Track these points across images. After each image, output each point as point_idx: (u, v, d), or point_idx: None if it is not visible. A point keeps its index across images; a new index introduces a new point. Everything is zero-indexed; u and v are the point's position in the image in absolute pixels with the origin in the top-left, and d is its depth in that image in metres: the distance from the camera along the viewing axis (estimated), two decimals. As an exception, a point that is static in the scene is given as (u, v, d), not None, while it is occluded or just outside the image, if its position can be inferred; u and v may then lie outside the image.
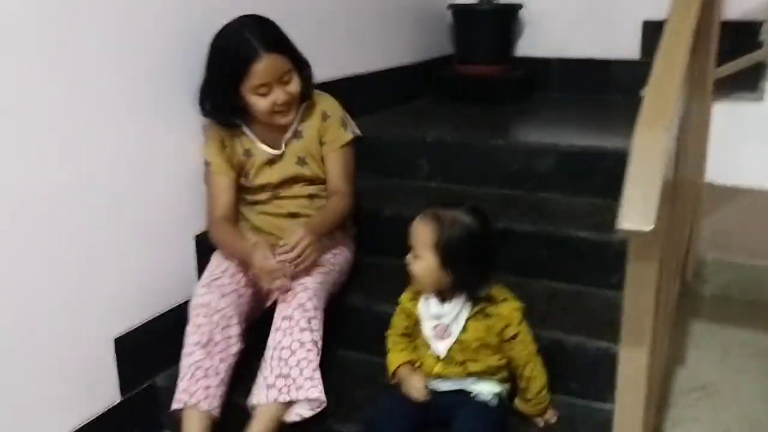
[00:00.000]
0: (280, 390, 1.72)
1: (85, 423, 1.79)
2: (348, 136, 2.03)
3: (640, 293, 1.26)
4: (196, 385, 1.76)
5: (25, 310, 1.61)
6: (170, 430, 1.90)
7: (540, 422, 1.76)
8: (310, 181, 2.02)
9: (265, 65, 1.80)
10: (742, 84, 2.10)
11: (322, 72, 2.51)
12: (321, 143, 2.01)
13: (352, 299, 2.10)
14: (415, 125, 2.78)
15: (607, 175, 2.32)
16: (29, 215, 1.59)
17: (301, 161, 1.98)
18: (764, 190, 2.36)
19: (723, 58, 1.72)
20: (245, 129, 1.97)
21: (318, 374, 1.74)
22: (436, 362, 1.70)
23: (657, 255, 1.22)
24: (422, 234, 1.62)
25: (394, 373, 1.76)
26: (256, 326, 1.95)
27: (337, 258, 2.01)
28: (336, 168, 2.02)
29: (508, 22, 3.31)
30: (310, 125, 2.00)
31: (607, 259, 2.08)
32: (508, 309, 1.67)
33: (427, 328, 1.70)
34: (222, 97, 1.89)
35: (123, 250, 1.85)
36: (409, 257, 1.67)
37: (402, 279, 1.76)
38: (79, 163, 1.69)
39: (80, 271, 1.73)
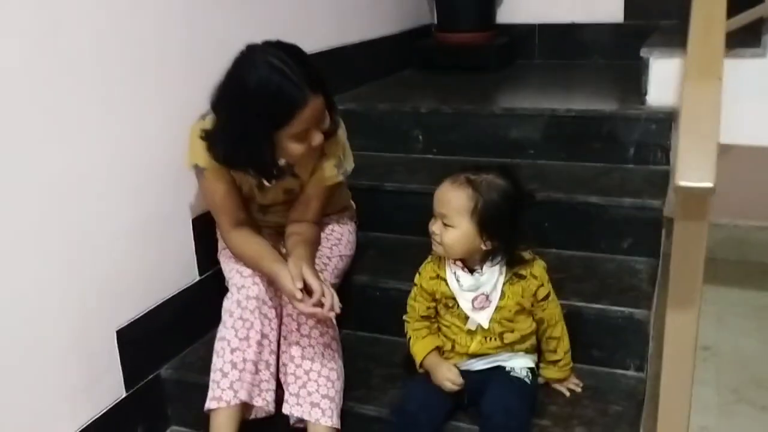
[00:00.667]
0: (323, 412, 1.66)
1: (92, 420, 1.69)
2: (337, 178, 1.82)
3: (689, 254, 1.21)
4: (254, 382, 1.68)
5: (24, 307, 1.51)
6: (204, 429, 1.76)
7: (566, 391, 1.72)
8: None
9: (310, 110, 1.54)
10: (743, 40, 2.06)
11: (304, 46, 2.43)
12: (311, 174, 1.82)
13: (357, 277, 2.02)
14: (404, 97, 2.70)
15: (605, 139, 2.29)
16: (25, 207, 1.48)
17: (288, 192, 1.83)
18: (757, 148, 2.34)
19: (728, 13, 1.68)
20: None
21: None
22: (471, 340, 1.63)
23: (707, 213, 1.17)
24: (457, 200, 1.54)
25: (421, 363, 1.66)
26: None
27: (336, 249, 1.90)
28: (315, 201, 1.83)
29: (488, -12, 3.23)
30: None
31: (617, 224, 2.05)
32: (539, 269, 1.63)
33: (465, 302, 1.61)
34: (257, 147, 1.59)
35: (121, 239, 1.74)
36: (436, 226, 1.58)
37: (407, 253, 1.68)
38: (74, 152, 1.58)
39: (79, 263, 1.63)
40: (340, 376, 1.72)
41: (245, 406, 1.69)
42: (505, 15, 3.36)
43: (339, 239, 1.92)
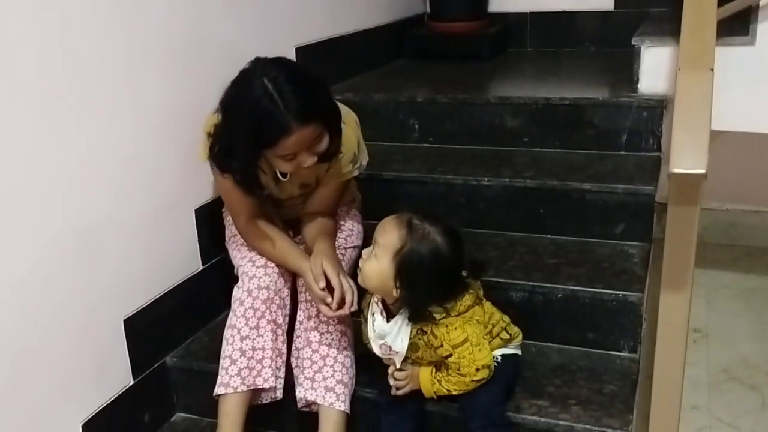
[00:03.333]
0: (338, 396, 1.70)
1: (100, 408, 1.72)
2: (352, 173, 1.84)
3: (682, 237, 1.26)
4: (269, 369, 1.72)
5: (33, 297, 1.54)
6: (211, 417, 1.83)
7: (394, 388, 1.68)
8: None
9: (295, 138, 1.53)
10: (732, 27, 2.10)
11: (299, 37, 2.46)
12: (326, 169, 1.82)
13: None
14: (399, 86, 2.73)
15: (598, 126, 2.33)
16: (32, 198, 1.51)
17: (305, 186, 1.85)
18: (745, 134, 2.39)
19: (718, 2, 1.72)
20: None
21: None
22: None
23: (699, 198, 1.22)
24: (389, 236, 1.50)
25: None
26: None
27: (350, 240, 1.94)
28: (330, 196, 1.85)
29: (480, -23, 3.26)
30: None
31: (610, 209, 2.09)
32: (441, 329, 1.54)
33: (375, 347, 1.62)
34: (241, 161, 1.62)
35: (126, 229, 1.77)
36: (365, 251, 1.56)
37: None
38: (80, 144, 1.61)
39: (86, 253, 1.66)
40: (353, 363, 1.77)
41: (253, 392, 1.74)
42: (497, 3, 3.39)
43: (351, 230, 1.96)
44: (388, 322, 1.58)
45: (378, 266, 1.51)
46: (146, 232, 1.84)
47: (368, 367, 1.84)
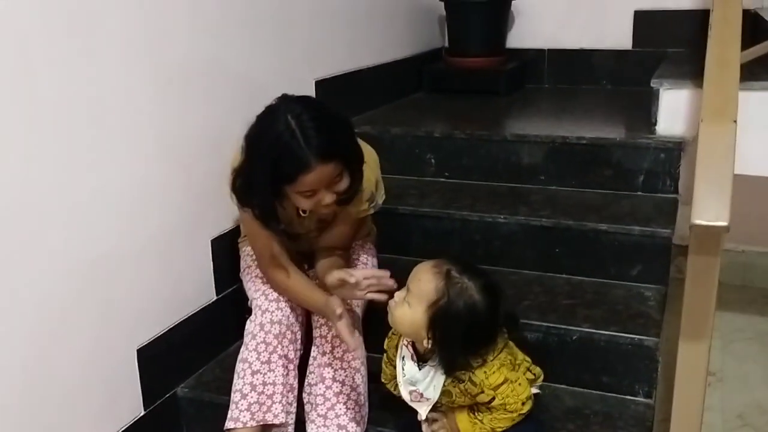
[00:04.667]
0: None
1: (111, 439, 1.72)
2: (368, 211, 1.84)
3: (701, 287, 1.25)
4: (279, 405, 1.71)
5: (47, 326, 1.54)
6: None
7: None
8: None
9: (315, 176, 1.54)
10: (754, 72, 2.11)
11: (319, 70, 2.49)
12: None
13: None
14: (417, 120, 2.75)
15: (615, 166, 2.33)
16: (48, 228, 1.52)
17: (322, 221, 1.85)
18: (761, 177, 2.37)
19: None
20: None
21: None
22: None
23: (719, 249, 1.21)
24: (424, 285, 1.46)
25: None
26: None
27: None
28: (345, 232, 1.85)
29: (499, 13, 3.28)
30: None
31: (626, 251, 2.09)
32: (480, 375, 1.50)
33: (404, 392, 1.58)
34: (260, 196, 1.63)
35: (142, 258, 1.78)
36: (397, 295, 1.51)
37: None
38: (96, 174, 1.62)
39: (102, 281, 1.66)
40: (366, 400, 1.76)
41: (263, 427, 1.72)
42: (515, 40, 3.42)
43: (365, 264, 1.96)
44: (419, 367, 1.54)
45: (411, 314, 1.47)
46: (162, 261, 1.85)
47: (383, 404, 1.83)
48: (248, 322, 1.78)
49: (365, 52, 2.86)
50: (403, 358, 1.57)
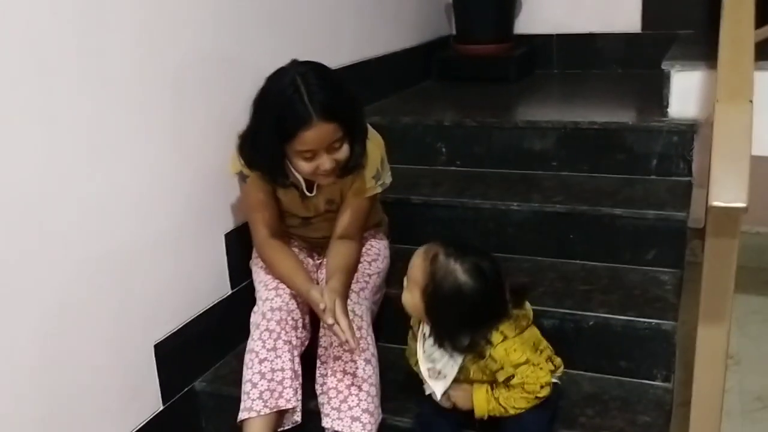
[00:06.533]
0: (365, 426, 1.68)
1: (131, 434, 1.73)
2: (375, 189, 1.85)
3: (720, 269, 1.24)
4: (290, 389, 1.72)
5: (65, 323, 1.55)
6: None
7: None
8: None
9: (314, 133, 1.59)
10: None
11: (327, 61, 2.47)
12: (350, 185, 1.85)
13: (387, 291, 2.05)
14: (427, 109, 2.74)
15: (627, 150, 2.32)
16: (64, 225, 1.52)
17: (330, 202, 1.88)
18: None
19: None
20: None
21: None
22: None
23: (738, 231, 1.20)
24: (416, 270, 1.51)
25: None
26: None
27: (374, 265, 1.94)
28: (353, 215, 1.85)
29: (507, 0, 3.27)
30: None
31: (641, 235, 2.08)
32: (501, 351, 1.51)
33: (423, 367, 1.60)
34: (266, 152, 1.69)
35: (157, 254, 1.78)
36: (405, 279, 1.57)
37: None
38: (111, 169, 1.63)
39: (118, 278, 1.67)
40: (379, 391, 1.76)
41: (277, 416, 1.73)
42: (524, 25, 3.39)
43: (377, 255, 1.96)
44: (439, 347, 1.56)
45: (411, 299, 1.53)
46: (176, 257, 1.85)
47: (397, 393, 1.83)
48: (252, 312, 1.81)
49: (373, 42, 2.85)
50: (424, 335, 1.60)
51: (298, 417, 1.75)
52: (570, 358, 1.83)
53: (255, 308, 1.82)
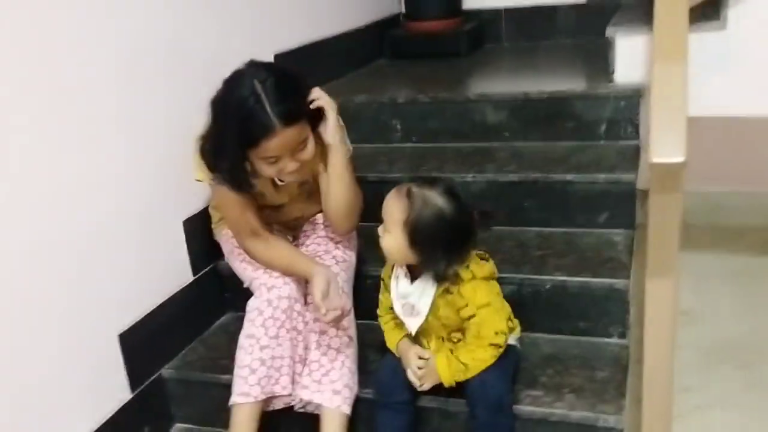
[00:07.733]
0: (345, 399, 1.72)
1: (100, 424, 1.73)
2: (349, 153, 1.86)
3: (665, 225, 1.29)
4: (287, 377, 1.74)
5: (29, 316, 1.55)
6: (210, 425, 1.90)
7: (415, 381, 1.67)
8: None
9: (279, 140, 1.58)
10: (704, 13, 2.14)
11: (277, 43, 2.48)
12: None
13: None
14: (380, 88, 2.76)
15: (577, 118, 2.36)
16: (25, 216, 1.52)
17: (303, 185, 1.88)
18: (722, 118, 2.42)
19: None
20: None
21: None
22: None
23: (681, 185, 1.25)
24: (393, 209, 1.57)
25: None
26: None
27: (347, 252, 1.95)
28: (341, 190, 1.85)
29: (453, -25, 3.29)
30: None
31: (593, 199, 2.13)
32: (469, 289, 1.59)
33: (398, 306, 1.67)
34: (228, 158, 1.65)
35: (117, 243, 1.78)
36: (379, 229, 1.62)
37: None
38: (69, 161, 1.63)
39: (79, 269, 1.67)
40: (356, 368, 1.79)
41: (266, 399, 1.75)
42: (471, 1, 3.42)
43: (347, 247, 1.97)
44: (411, 282, 1.63)
45: (393, 240, 1.57)
46: (136, 246, 1.85)
47: (362, 367, 1.86)
48: (252, 299, 1.78)
49: (324, 22, 2.85)
50: (397, 277, 1.66)
51: (290, 400, 1.78)
52: (529, 322, 1.89)
53: (257, 294, 1.79)
